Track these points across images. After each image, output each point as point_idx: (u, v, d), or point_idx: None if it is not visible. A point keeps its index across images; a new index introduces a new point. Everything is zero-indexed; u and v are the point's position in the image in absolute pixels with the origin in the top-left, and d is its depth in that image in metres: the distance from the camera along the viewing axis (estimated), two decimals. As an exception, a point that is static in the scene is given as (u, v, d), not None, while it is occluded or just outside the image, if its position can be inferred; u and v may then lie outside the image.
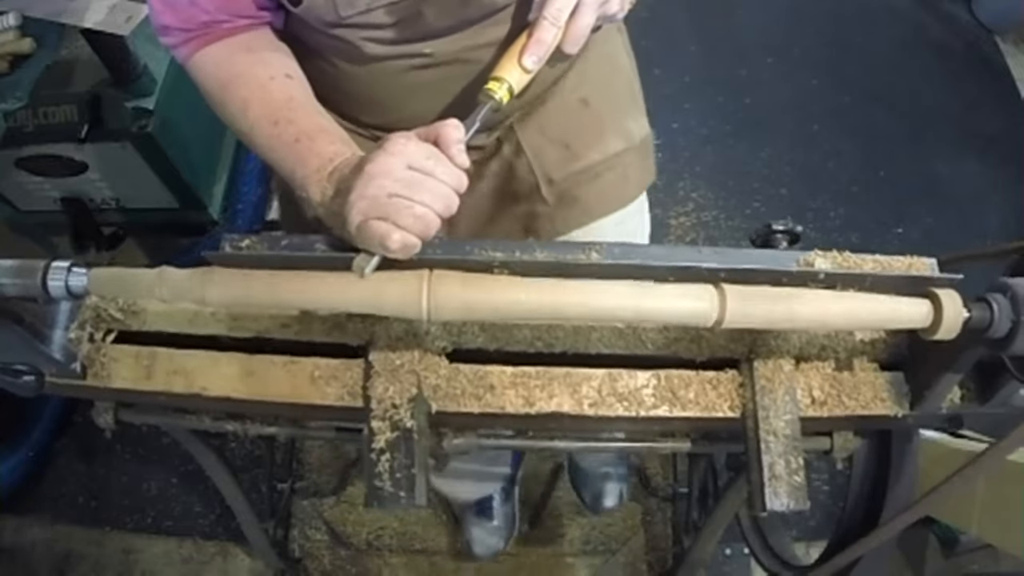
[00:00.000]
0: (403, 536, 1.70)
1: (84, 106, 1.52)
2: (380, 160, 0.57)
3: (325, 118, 0.72)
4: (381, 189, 0.56)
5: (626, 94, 1.00)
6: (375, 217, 0.56)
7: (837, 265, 0.60)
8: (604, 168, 0.96)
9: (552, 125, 0.92)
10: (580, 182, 0.95)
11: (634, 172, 1.00)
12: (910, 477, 0.86)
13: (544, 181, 0.94)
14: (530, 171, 0.93)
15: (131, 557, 1.68)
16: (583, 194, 0.96)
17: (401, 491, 0.64)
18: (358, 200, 0.57)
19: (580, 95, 0.92)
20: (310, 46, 0.79)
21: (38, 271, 0.60)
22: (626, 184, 0.99)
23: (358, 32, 0.73)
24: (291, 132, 0.68)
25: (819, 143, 2.33)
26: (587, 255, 0.58)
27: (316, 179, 0.65)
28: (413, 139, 0.59)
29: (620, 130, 0.97)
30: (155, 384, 0.72)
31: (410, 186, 0.56)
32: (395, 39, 0.74)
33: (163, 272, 0.61)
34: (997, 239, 2.11)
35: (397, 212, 0.56)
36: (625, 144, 0.97)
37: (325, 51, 0.79)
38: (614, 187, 0.98)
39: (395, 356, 0.69)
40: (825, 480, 1.74)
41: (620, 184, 0.99)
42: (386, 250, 0.56)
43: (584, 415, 0.70)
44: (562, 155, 0.93)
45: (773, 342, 0.71)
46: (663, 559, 1.66)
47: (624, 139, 0.97)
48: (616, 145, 0.96)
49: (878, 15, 2.65)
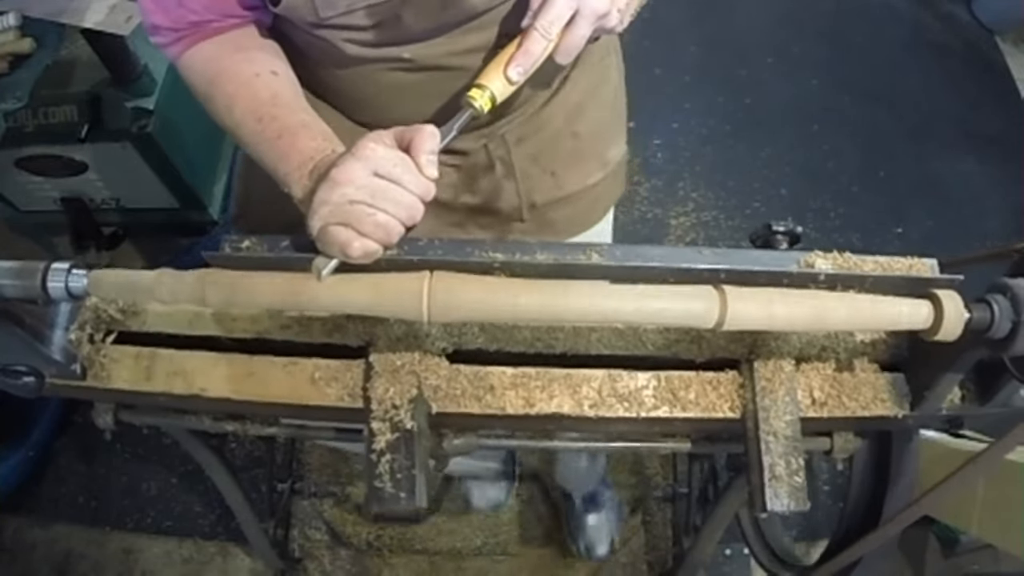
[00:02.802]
0: (403, 536, 1.70)
1: (84, 106, 1.52)
2: (346, 166, 0.57)
3: (309, 114, 0.72)
4: (343, 196, 0.56)
5: (613, 121, 1.02)
6: (336, 223, 0.56)
7: (838, 266, 0.60)
8: (580, 195, 0.99)
9: (545, 155, 0.94)
10: (557, 207, 0.98)
11: (605, 195, 1.04)
12: (910, 477, 0.86)
13: (527, 205, 0.96)
14: (517, 195, 0.95)
15: (131, 557, 1.68)
16: (557, 217, 0.99)
17: (402, 492, 0.64)
18: (320, 206, 0.57)
19: (573, 129, 0.94)
20: (298, 45, 0.79)
21: (38, 273, 0.60)
22: (596, 207, 1.04)
23: (339, 33, 0.73)
24: (274, 128, 0.68)
25: (819, 143, 2.33)
26: (587, 256, 0.58)
27: (297, 176, 0.65)
28: (383, 143, 0.59)
29: (601, 160, 1.00)
30: (155, 385, 0.72)
31: (374, 194, 0.57)
32: (375, 42, 0.74)
33: (163, 274, 0.61)
34: (997, 239, 2.11)
35: (359, 219, 0.56)
36: (603, 173, 1.00)
37: (311, 51, 0.79)
38: (585, 211, 1.02)
39: (395, 357, 0.68)
40: (825, 480, 1.74)
41: (591, 208, 1.03)
42: (347, 256, 0.57)
43: (584, 416, 0.70)
44: (549, 184, 0.96)
45: (773, 343, 0.71)
46: (663, 559, 1.66)
47: (602, 168, 1.00)
48: (595, 176, 0.99)
49: (878, 15, 2.65)
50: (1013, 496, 0.92)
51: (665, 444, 0.85)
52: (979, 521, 0.98)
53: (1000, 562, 1.47)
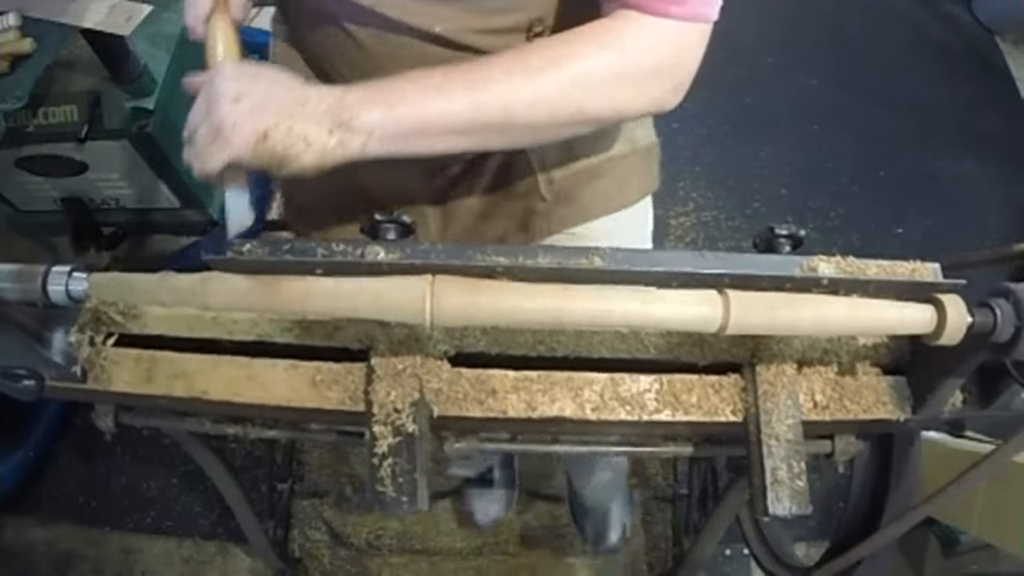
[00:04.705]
0: (403, 536, 1.70)
1: (84, 106, 1.52)
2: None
3: None
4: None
5: None
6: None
7: (840, 271, 0.60)
8: (604, 169, 0.95)
9: None
10: (579, 182, 0.95)
11: (635, 176, 0.99)
12: (911, 480, 0.86)
13: (544, 179, 0.93)
14: (530, 168, 0.92)
15: (131, 557, 1.68)
16: (581, 193, 0.95)
17: (403, 496, 0.64)
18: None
19: None
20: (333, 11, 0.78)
21: (38, 276, 0.60)
22: (626, 187, 0.99)
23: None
24: None
25: (819, 143, 2.33)
26: (590, 260, 0.58)
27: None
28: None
29: (625, 135, 0.96)
30: (155, 388, 0.71)
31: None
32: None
33: (164, 277, 0.61)
34: (997, 239, 2.11)
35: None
36: (629, 148, 0.96)
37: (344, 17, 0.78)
38: (613, 188, 0.97)
39: (397, 360, 0.68)
40: (826, 481, 1.74)
41: (619, 186, 0.98)
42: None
43: (586, 419, 0.70)
44: (564, 155, 0.93)
45: (775, 346, 0.71)
46: (663, 559, 1.66)
47: (628, 144, 0.96)
48: (619, 149, 0.96)
49: (878, 15, 2.65)
50: (1013, 496, 0.92)
51: (667, 448, 0.85)
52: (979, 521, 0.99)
53: (1000, 562, 1.47)
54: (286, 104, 0.59)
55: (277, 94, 0.59)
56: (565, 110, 0.66)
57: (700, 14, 0.68)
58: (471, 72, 0.65)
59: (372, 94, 0.64)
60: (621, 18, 0.67)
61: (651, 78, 0.69)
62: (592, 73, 0.66)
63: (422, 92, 0.63)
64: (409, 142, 0.64)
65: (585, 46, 0.66)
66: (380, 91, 0.64)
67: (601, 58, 0.66)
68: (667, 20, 0.67)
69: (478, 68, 0.65)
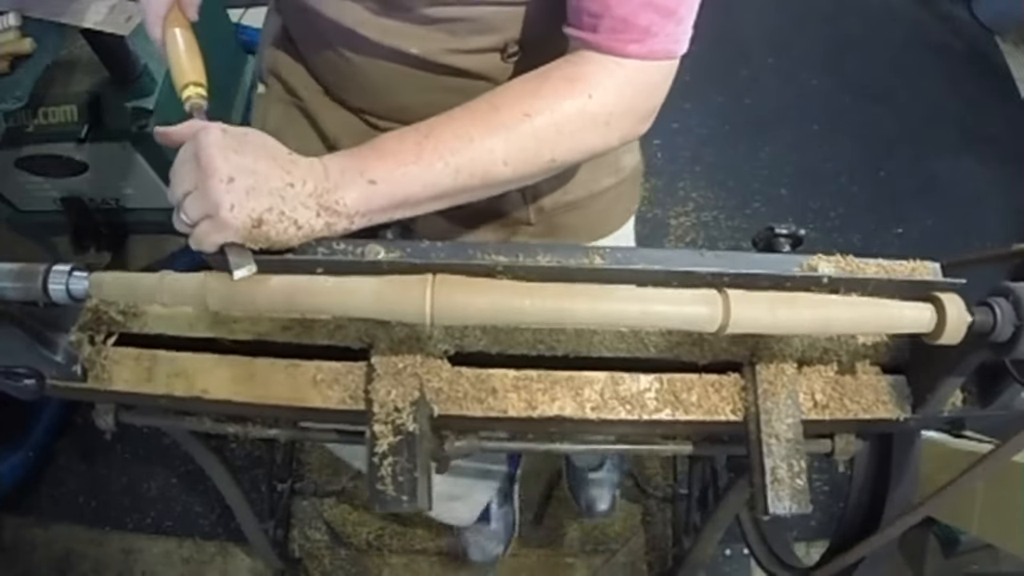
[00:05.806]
0: (403, 536, 1.70)
1: (84, 106, 1.52)
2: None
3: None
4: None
5: None
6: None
7: (840, 269, 0.60)
8: (593, 201, 0.98)
9: None
10: (567, 212, 0.97)
11: (620, 203, 1.02)
12: (911, 479, 0.86)
13: (534, 209, 0.96)
14: (522, 197, 0.94)
15: (131, 557, 1.68)
16: (567, 221, 0.98)
17: (404, 495, 0.64)
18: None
19: None
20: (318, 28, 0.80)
21: (39, 275, 0.60)
22: (610, 215, 1.02)
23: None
24: None
25: (819, 143, 2.33)
26: (590, 259, 0.58)
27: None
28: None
29: (614, 166, 0.98)
30: (156, 387, 0.72)
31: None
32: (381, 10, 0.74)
33: (164, 277, 0.61)
34: (997, 239, 2.11)
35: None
36: (615, 179, 0.99)
37: (328, 34, 0.80)
38: (598, 218, 1.00)
39: (397, 359, 0.68)
40: (826, 480, 1.75)
41: (607, 214, 1.01)
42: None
43: (586, 418, 0.70)
44: (555, 187, 0.95)
45: (775, 345, 0.71)
46: (663, 559, 1.66)
47: (615, 175, 0.99)
48: (607, 181, 0.98)
49: (878, 15, 2.65)
50: (1013, 496, 0.92)
51: (666, 446, 0.85)
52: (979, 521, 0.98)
53: (1000, 562, 1.47)
54: (276, 185, 0.57)
55: (267, 173, 0.57)
56: (537, 161, 0.67)
57: (660, 51, 0.67)
58: (446, 132, 0.64)
59: (353, 165, 0.62)
60: (583, 61, 0.67)
61: (619, 118, 0.69)
62: (561, 123, 0.66)
63: (401, 164, 0.62)
64: (395, 213, 0.65)
65: (552, 96, 0.66)
66: (361, 162, 0.63)
67: (568, 107, 0.66)
68: (628, 60, 0.67)
69: (453, 125, 0.65)
